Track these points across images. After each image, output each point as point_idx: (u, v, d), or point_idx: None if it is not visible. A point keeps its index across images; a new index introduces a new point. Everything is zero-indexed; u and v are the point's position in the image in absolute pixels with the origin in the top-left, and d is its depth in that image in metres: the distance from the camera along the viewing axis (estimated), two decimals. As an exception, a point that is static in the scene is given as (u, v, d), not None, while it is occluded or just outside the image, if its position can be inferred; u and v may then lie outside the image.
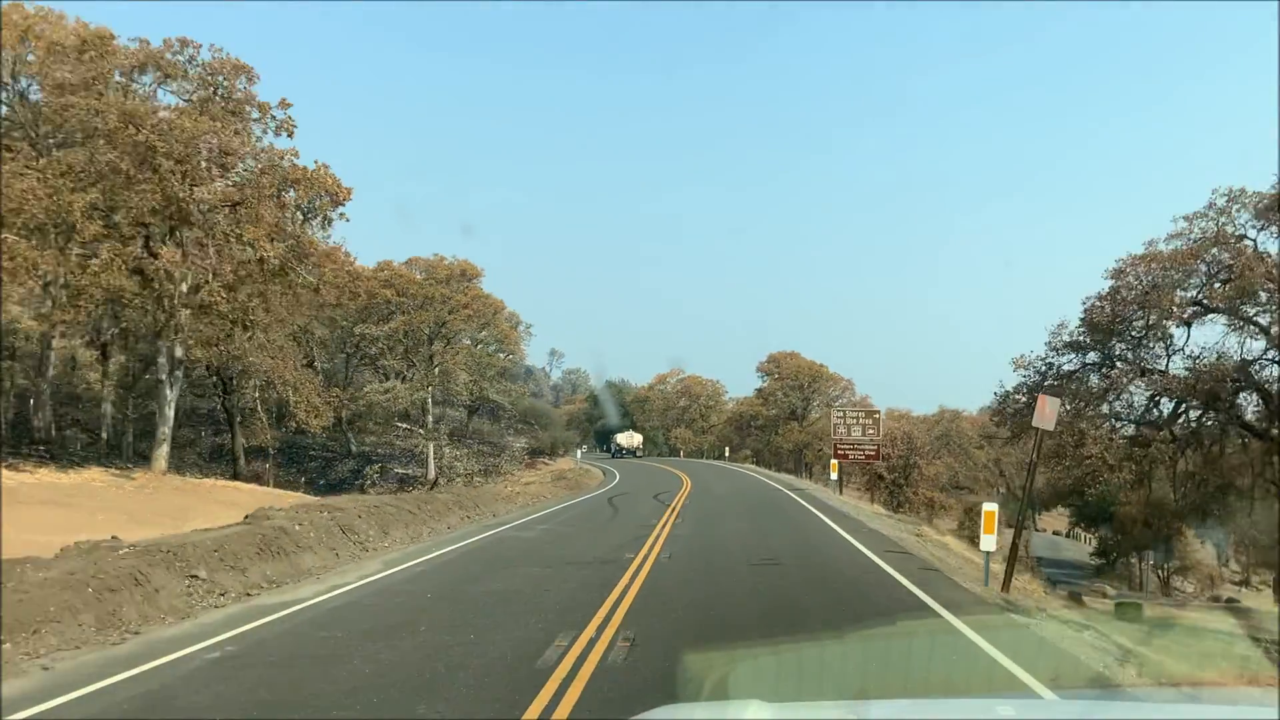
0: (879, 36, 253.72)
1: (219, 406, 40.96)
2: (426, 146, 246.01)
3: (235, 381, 34.96)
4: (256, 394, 34.64)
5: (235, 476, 38.04)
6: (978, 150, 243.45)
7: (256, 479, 49.28)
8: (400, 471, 59.76)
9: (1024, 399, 27.36)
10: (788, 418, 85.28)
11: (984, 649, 9.46)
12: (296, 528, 16.18)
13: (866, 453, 35.05)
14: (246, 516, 17.75)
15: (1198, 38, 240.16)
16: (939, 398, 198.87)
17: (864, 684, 7.53)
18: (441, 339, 55.48)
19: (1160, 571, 50.99)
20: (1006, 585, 14.90)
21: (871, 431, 35.03)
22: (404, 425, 63.70)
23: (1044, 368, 27.70)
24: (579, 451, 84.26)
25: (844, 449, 34.88)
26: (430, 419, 56.99)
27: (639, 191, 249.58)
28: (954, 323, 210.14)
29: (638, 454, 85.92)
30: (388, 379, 56.31)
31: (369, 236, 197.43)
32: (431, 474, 53.49)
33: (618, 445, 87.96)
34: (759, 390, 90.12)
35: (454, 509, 24.67)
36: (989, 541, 14.38)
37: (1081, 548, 71.34)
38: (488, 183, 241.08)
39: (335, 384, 59.49)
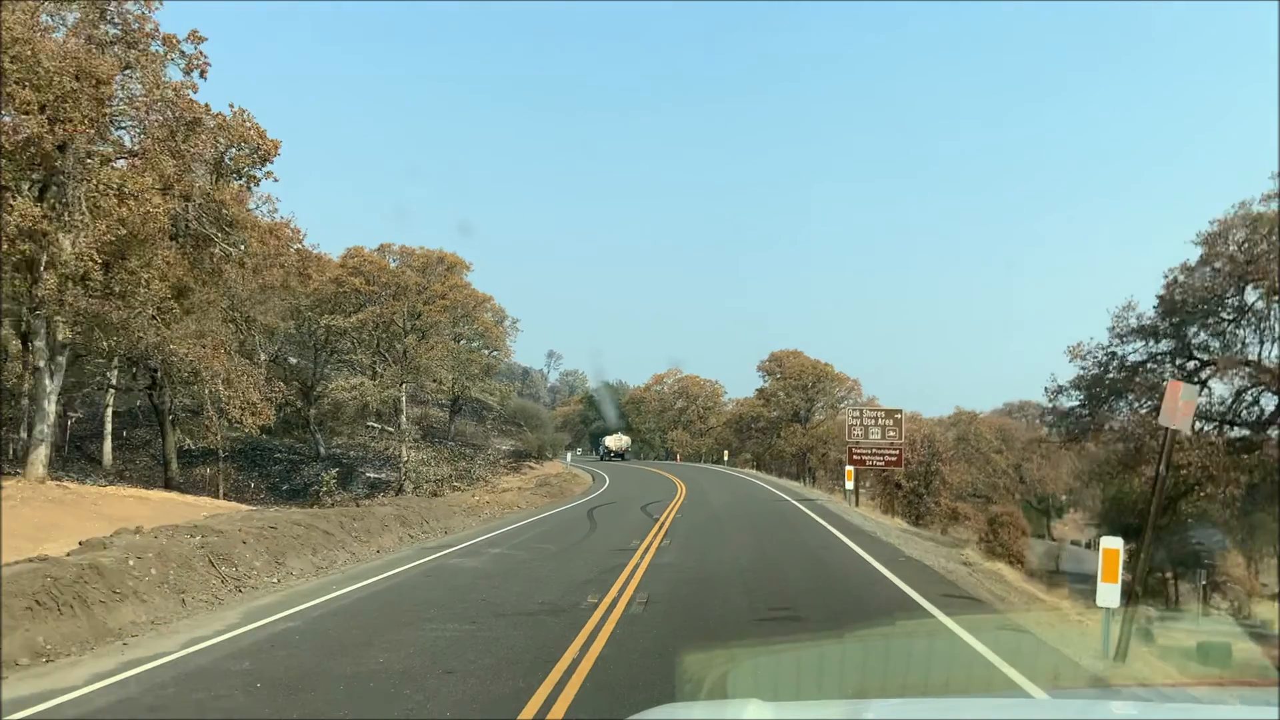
0: (873, 33, 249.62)
1: (146, 403, 36.52)
2: (424, 149, 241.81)
3: (160, 374, 30.44)
4: (200, 387, 30.06)
5: (168, 483, 33.54)
6: (978, 152, 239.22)
7: (200, 486, 44.85)
8: (372, 476, 55.32)
9: (1081, 395, 22.99)
10: (790, 420, 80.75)
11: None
12: (130, 563, 11.72)
13: (887, 458, 30.57)
14: (82, 543, 13.31)
15: (1194, 35, 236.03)
16: (948, 399, 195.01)
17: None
18: (416, 332, 50.94)
19: (1203, 588, 46.73)
20: (1123, 651, 10.49)
21: (893, 434, 30.56)
22: (375, 425, 59.20)
23: (1105, 357, 23.36)
24: (569, 455, 79.82)
25: (860, 454, 30.41)
26: (404, 419, 52.45)
27: (640, 192, 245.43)
28: (962, 323, 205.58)
29: (625, 456, 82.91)
30: (363, 376, 51.76)
31: (367, 239, 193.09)
32: (403, 468, 49.05)
33: (606, 448, 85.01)
34: (760, 390, 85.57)
35: (392, 526, 20.18)
36: (1109, 594, 9.87)
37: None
38: (487, 184, 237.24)
39: (305, 381, 55.11)
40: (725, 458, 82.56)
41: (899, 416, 30.84)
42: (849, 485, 30.49)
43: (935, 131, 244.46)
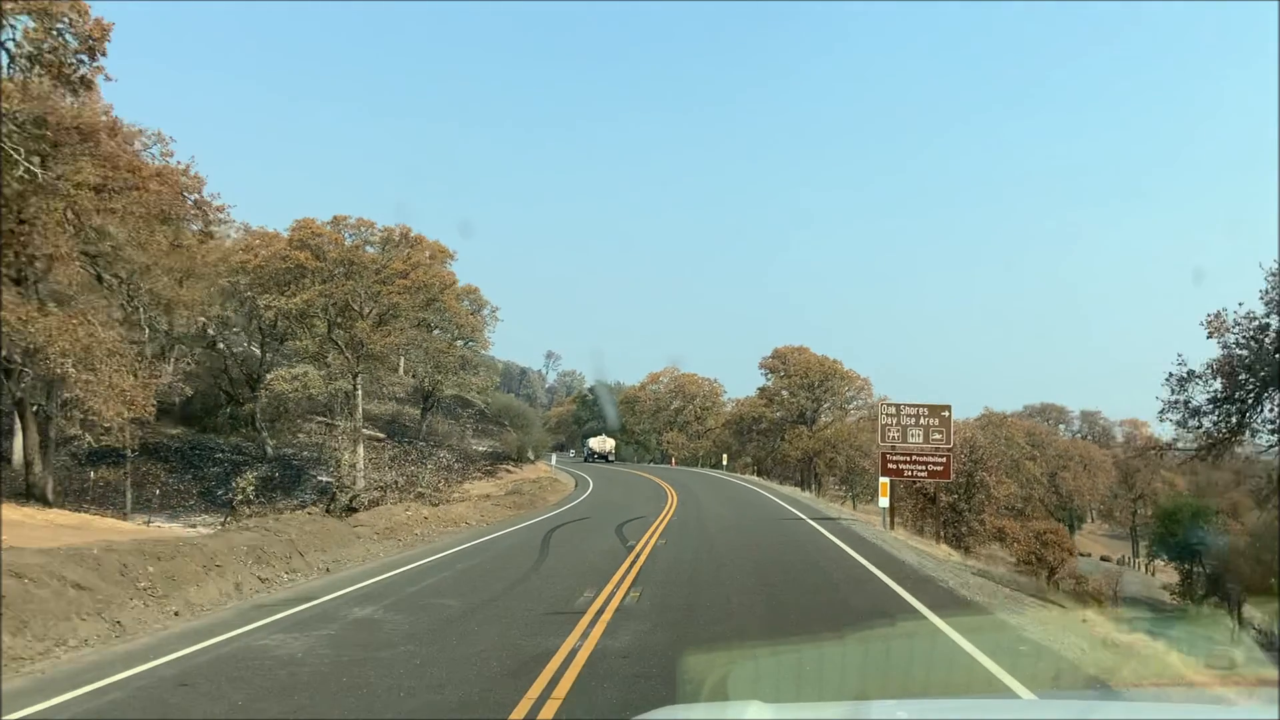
0: (875, 34, 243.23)
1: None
2: (424, 152, 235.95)
3: (5, 352, 23.87)
4: (38, 367, 23.51)
5: (29, 491, 26.97)
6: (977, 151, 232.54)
7: (104, 493, 38.51)
8: (325, 480, 48.76)
9: (1220, 385, 16.54)
10: (795, 421, 74.13)
11: None
12: None
13: (931, 467, 23.91)
14: None
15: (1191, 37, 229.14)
16: (961, 402, 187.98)
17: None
18: (371, 317, 44.36)
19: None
20: None
21: (939, 435, 23.84)
22: (330, 421, 52.68)
23: (1254, 330, 16.80)
24: (554, 457, 73.33)
25: (897, 461, 23.77)
26: (359, 415, 45.86)
27: (642, 193, 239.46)
28: (968, 324, 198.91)
29: (610, 459, 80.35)
30: (308, 365, 45.33)
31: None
32: (360, 484, 42.48)
33: (590, 450, 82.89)
34: (762, 390, 78.95)
35: (230, 567, 13.60)
36: None
37: (1145, 579, 60.34)
38: (488, 186, 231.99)
39: (252, 371, 48.65)
40: (724, 461, 75.92)
41: (946, 415, 24.13)
42: (884, 502, 23.74)
43: (925, 135, 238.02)
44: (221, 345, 46.15)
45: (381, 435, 58.73)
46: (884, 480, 23.56)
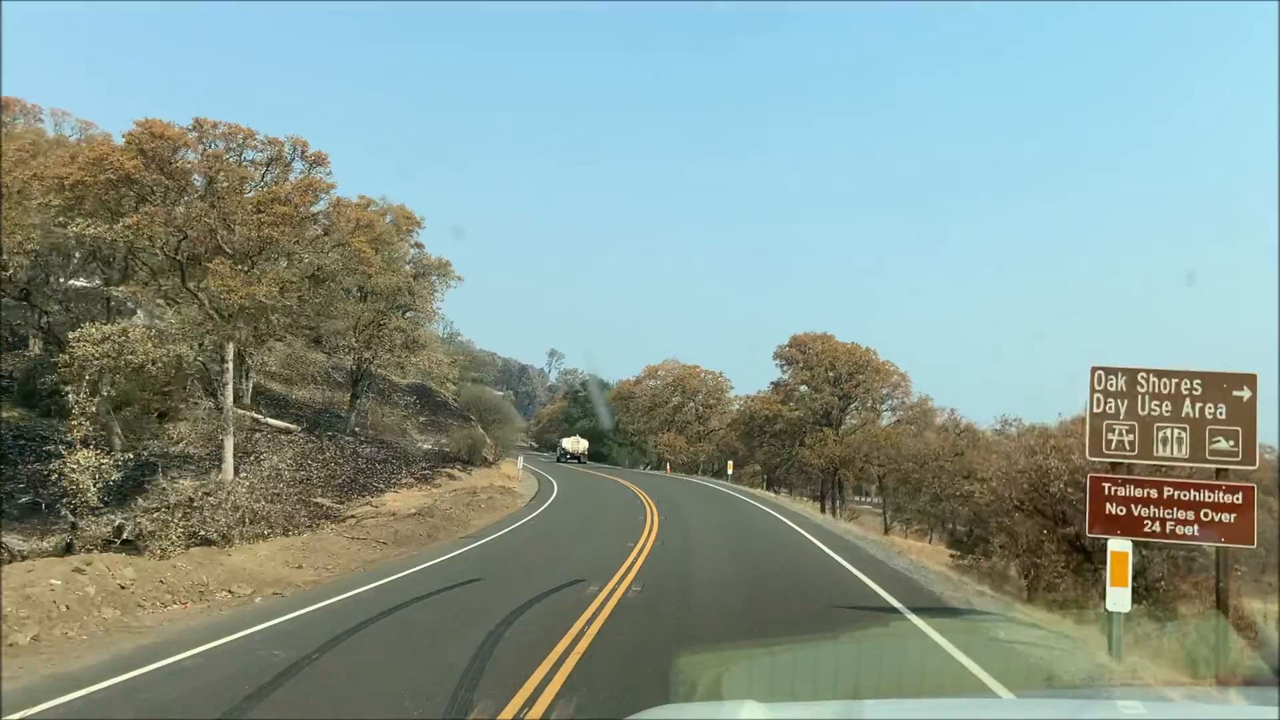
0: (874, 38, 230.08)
1: None
2: (424, 152, 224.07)
3: None
4: None
5: None
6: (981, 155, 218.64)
7: None
8: (188, 483, 35.50)
9: None
10: (817, 423, 60.71)
11: None
12: None
13: (1211, 516, 10.23)
14: None
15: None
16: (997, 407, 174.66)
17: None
18: (238, 259, 31.16)
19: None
20: None
21: (1226, 443, 10.45)
22: (210, 405, 39.64)
23: None
24: (521, 459, 60.29)
25: (1130, 501, 10.26)
26: (229, 396, 32.67)
27: (642, 192, 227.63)
28: (977, 326, 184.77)
29: (582, 460, 72.35)
30: (133, 319, 32.28)
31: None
32: (228, 473, 29.23)
33: (563, 450, 73.28)
34: (777, 384, 65.54)
35: None
36: None
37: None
38: (488, 185, 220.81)
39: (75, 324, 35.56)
40: (729, 470, 62.42)
41: (1245, 398, 10.48)
42: (1118, 600, 9.76)
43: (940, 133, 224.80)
44: (31, 290, 33.18)
45: (291, 426, 45.61)
46: (1117, 549, 9.85)
